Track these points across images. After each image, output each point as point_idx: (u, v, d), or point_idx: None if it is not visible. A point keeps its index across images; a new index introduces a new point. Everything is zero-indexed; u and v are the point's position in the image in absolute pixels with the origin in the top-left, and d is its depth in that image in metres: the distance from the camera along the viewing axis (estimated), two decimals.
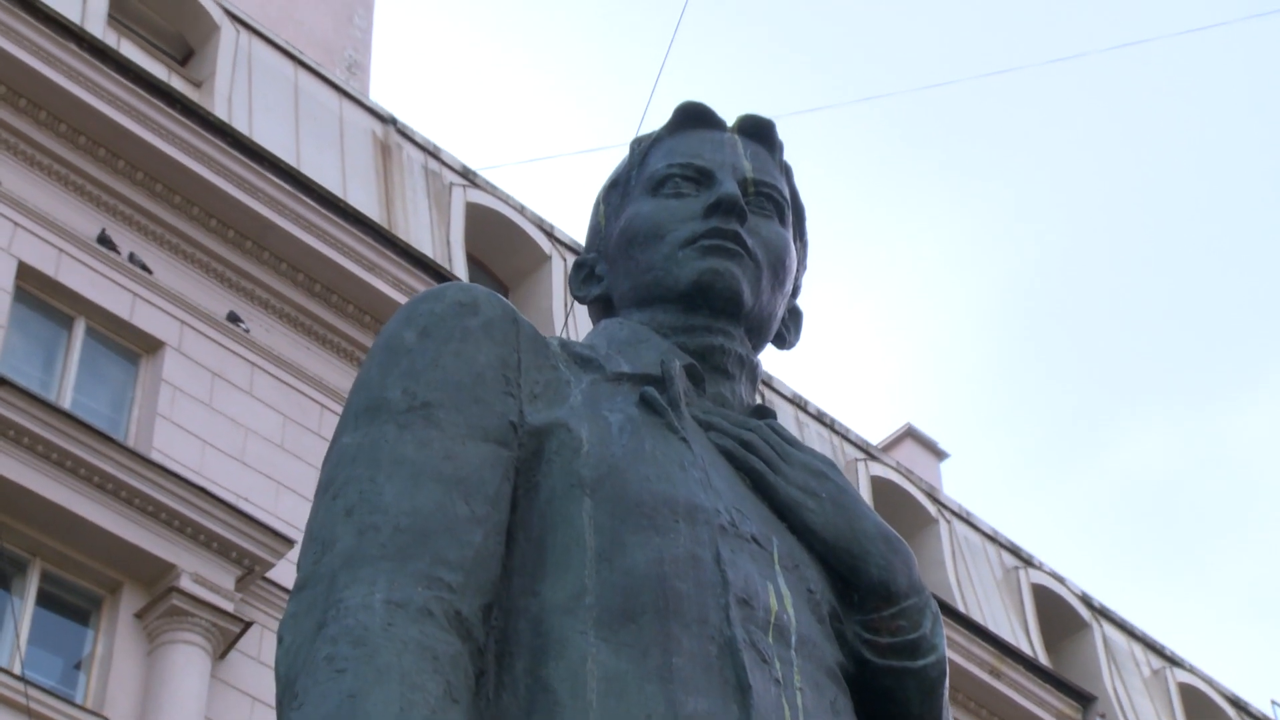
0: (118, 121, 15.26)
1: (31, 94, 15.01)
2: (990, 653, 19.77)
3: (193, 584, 13.77)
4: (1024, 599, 21.76)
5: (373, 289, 16.34)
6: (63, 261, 14.81)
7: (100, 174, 15.26)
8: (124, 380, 15.05)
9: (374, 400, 2.14)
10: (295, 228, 16.04)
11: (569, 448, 2.15)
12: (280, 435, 15.42)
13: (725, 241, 2.40)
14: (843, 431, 21.34)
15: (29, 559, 13.57)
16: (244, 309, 15.78)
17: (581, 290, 2.55)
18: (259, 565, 14.21)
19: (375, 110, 18.33)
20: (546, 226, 19.11)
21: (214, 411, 15.06)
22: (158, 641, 13.64)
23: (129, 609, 13.76)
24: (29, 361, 14.61)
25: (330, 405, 15.93)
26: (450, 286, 2.26)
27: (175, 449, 14.56)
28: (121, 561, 13.76)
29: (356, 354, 16.33)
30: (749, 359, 2.42)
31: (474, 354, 2.17)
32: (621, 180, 2.57)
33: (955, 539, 21.56)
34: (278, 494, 15.06)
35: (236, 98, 16.91)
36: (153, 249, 15.42)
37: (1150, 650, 23.13)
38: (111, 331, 15.02)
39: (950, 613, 19.74)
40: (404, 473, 2.06)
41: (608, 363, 2.31)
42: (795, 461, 2.30)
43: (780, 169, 2.57)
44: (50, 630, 13.66)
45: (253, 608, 14.29)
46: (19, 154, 14.95)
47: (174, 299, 15.30)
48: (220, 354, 15.39)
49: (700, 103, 2.58)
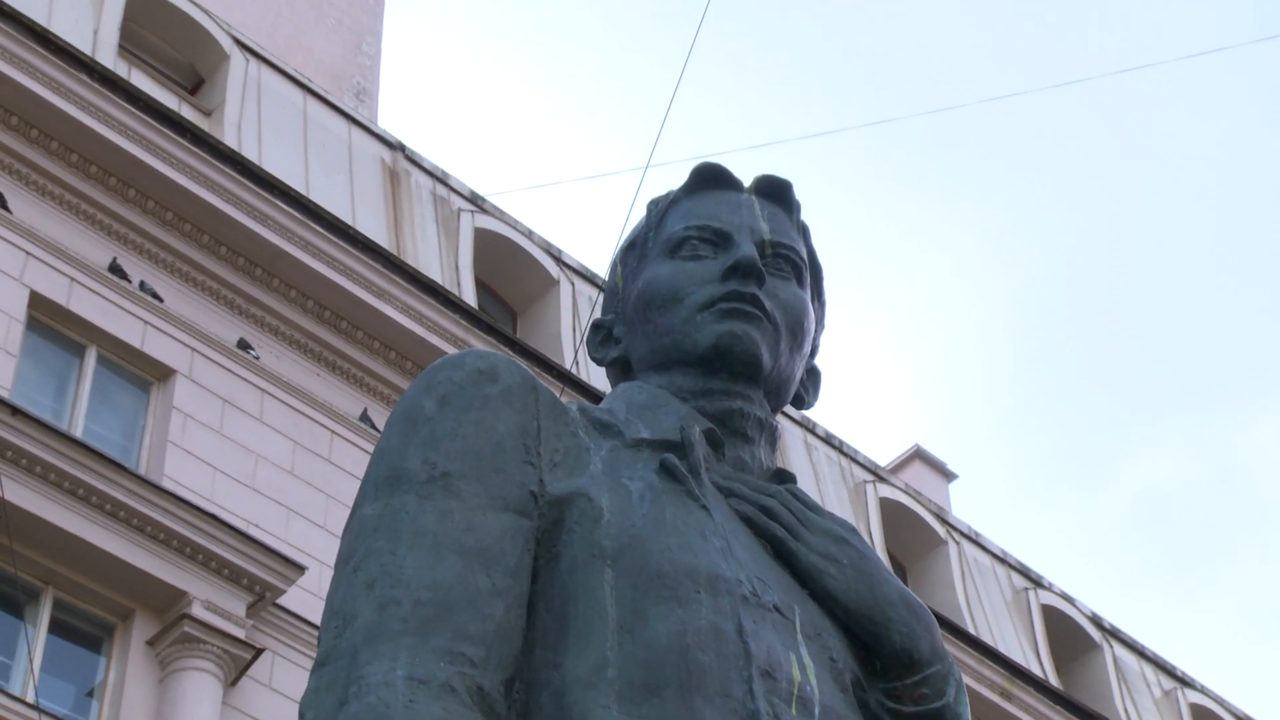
0: (128, 151, 15.31)
1: (43, 124, 15.07)
2: (1000, 674, 19.74)
3: (204, 611, 13.79)
4: (1034, 620, 21.72)
5: (382, 315, 16.36)
6: (74, 290, 14.85)
7: (111, 203, 15.31)
8: (135, 408, 15.08)
9: (394, 470, 2.14)
10: (305, 255, 16.07)
11: (590, 517, 2.15)
12: (290, 461, 15.45)
13: (743, 305, 2.40)
14: (851, 453, 21.33)
15: (41, 587, 13.59)
16: (254, 336, 15.81)
17: (599, 352, 2.55)
18: (270, 591, 14.22)
19: (384, 137, 18.37)
20: (555, 251, 19.14)
21: (224, 438, 15.09)
22: (169, 669, 13.65)
23: (141, 636, 13.77)
24: (41, 390, 14.65)
25: (340, 431, 15.96)
26: (470, 354, 2.27)
27: (186, 476, 14.59)
28: (133, 589, 13.78)
29: (366, 380, 16.36)
30: (768, 422, 2.42)
31: (494, 423, 2.18)
32: (639, 242, 2.57)
33: (964, 560, 21.54)
34: (288, 520, 15.08)
35: (246, 126, 16.96)
36: (163, 277, 15.46)
37: (1161, 671, 23.08)
38: (123, 359, 15.05)
39: (960, 634, 19.72)
40: (425, 544, 2.06)
41: (627, 428, 2.31)
42: (816, 527, 2.30)
43: (798, 229, 2.57)
44: (63, 658, 13.67)
45: (264, 634, 14.30)
46: (31, 184, 15.00)
47: (185, 326, 15.34)
48: (231, 381, 15.41)
49: (717, 164, 2.58)
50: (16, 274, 14.57)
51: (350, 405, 16.15)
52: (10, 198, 14.81)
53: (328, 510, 15.40)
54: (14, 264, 14.59)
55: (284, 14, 19.61)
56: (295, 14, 19.65)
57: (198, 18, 17.39)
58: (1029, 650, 21.19)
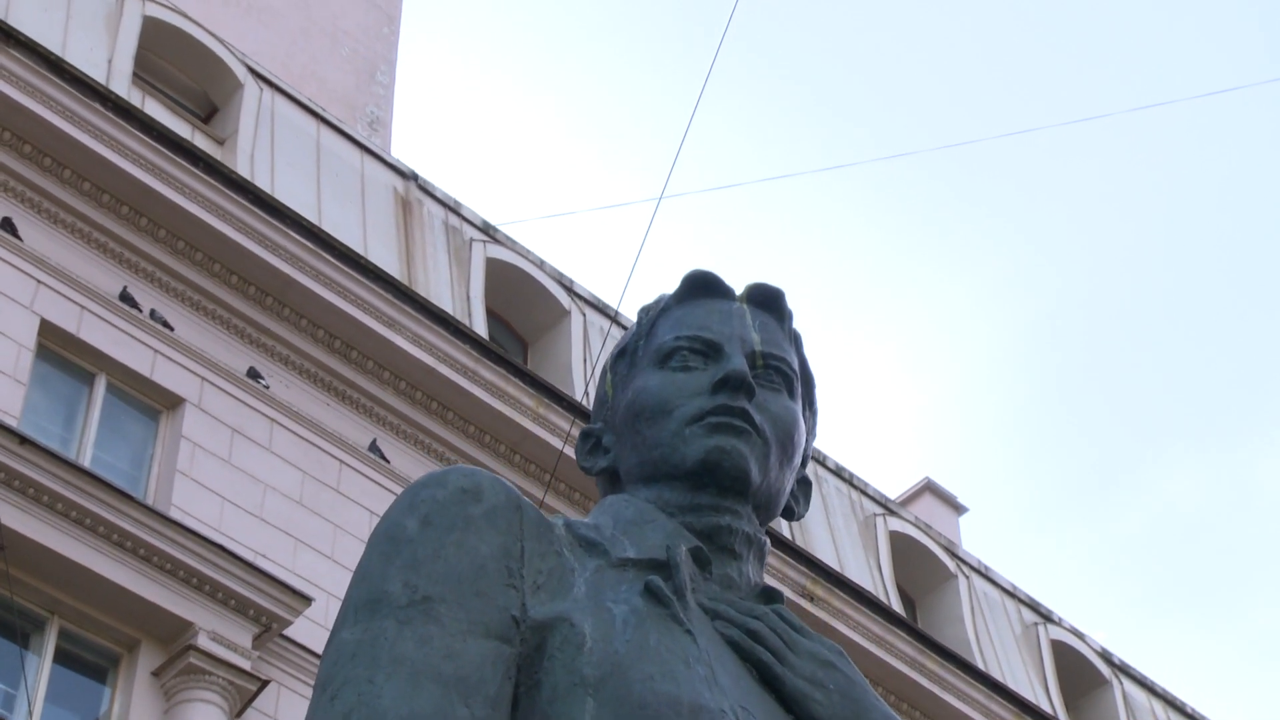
0: (141, 179, 15.33)
1: (56, 152, 15.09)
2: (1009, 710, 19.65)
3: (210, 642, 13.77)
4: (1043, 655, 21.63)
5: (392, 345, 16.36)
6: (84, 318, 14.86)
7: (123, 231, 15.33)
8: (144, 437, 15.08)
9: (374, 593, 2.12)
10: (316, 284, 16.07)
11: (572, 644, 2.12)
12: (299, 492, 15.43)
13: (733, 419, 2.38)
14: (861, 486, 21.28)
15: (47, 616, 13.58)
16: (264, 365, 15.81)
17: (588, 461, 2.53)
18: (276, 623, 14.19)
19: (396, 166, 18.38)
20: (566, 281, 19.13)
21: (233, 468, 15.08)
22: (175, 699, 13.63)
23: (146, 667, 13.75)
24: (50, 418, 14.66)
25: (349, 461, 15.94)
26: (454, 471, 2.24)
27: (194, 506, 14.58)
28: (139, 619, 13.76)
29: (376, 410, 16.35)
30: (757, 537, 2.40)
31: (476, 544, 2.16)
32: (629, 350, 2.55)
33: (974, 594, 21.46)
34: (296, 551, 15.07)
35: (259, 154, 16.98)
36: (174, 306, 15.47)
37: (1171, 708, 22.97)
38: (132, 388, 15.05)
39: (969, 669, 19.64)
40: (403, 673, 2.04)
41: (613, 546, 2.29)
42: (803, 651, 2.28)
43: (789, 338, 2.55)
44: (68, 688, 13.66)
45: (270, 665, 14.27)
46: (42, 212, 15.03)
47: (194, 355, 15.34)
48: (240, 410, 15.41)
49: (708, 272, 2.56)
50: (27, 302, 14.58)
51: (360, 435, 16.14)
52: (21, 225, 14.83)
53: (335, 541, 15.38)
54: (24, 292, 14.60)
55: (298, 43, 19.63)
56: (309, 43, 19.68)
57: (212, 46, 17.42)
58: (1038, 686, 21.10)
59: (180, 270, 15.54)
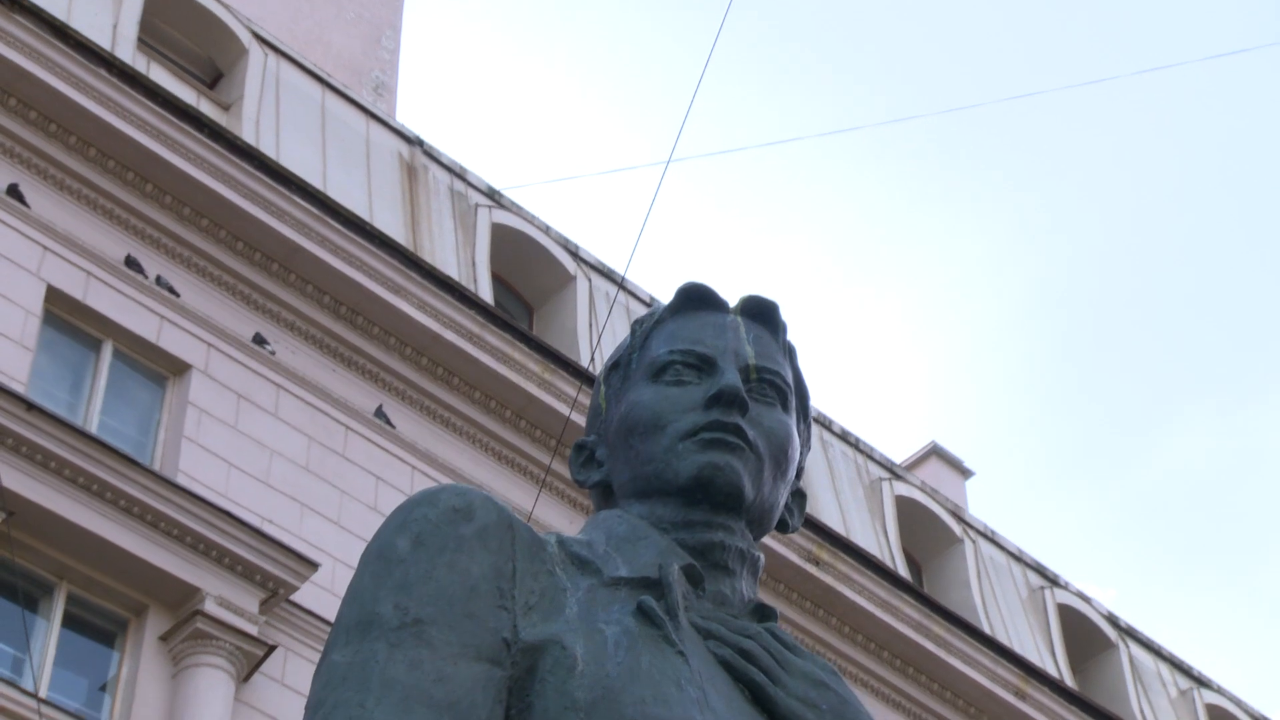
0: (146, 146, 15.32)
1: (61, 119, 15.08)
2: (1015, 674, 19.70)
3: (217, 607, 13.82)
4: (1050, 619, 21.67)
5: (398, 311, 16.36)
6: (91, 285, 14.87)
7: (128, 198, 15.32)
8: (150, 403, 15.11)
9: (366, 615, 2.12)
10: (321, 250, 16.07)
11: (563, 666, 2.12)
12: (305, 457, 15.46)
13: (726, 435, 2.37)
14: (867, 450, 21.29)
15: (55, 582, 13.64)
16: (270, 331, 15.82)
17: (581, 474, 2.53)
18: (283, 588, 14.24)
19: (402, 132, 18.35)
20: (572, 247, 19.11)
21: (239, 434, 15.11)
22: (182, 664, 13.69)
23: (154, 632, 13.81)
24: (57, 384, 14.69)
25: (355, 427, 15.97)
26: (445, 490, 2.24)
27: (201, 471, 14.61)
28: (146, 585, 13.81)
29: (382, 375, 16.36)
30: (750, 553, 2.39)
31: (468, 565, 2.15)
32: (623, 362, 2.54)
33: (980, 559, 21.49)
34: (302, 516, 15.10)
35: (264, 120, 16.95)
36: (180, 272, 15.48)
37: (1177, 670, 23.02)
38: (139, 354, 15.07)
39: (975, 633, 19.69)
40: (394, 697, 2.04)
41: (605, 565, 2.28)
42: (795, 670, 2.27)
43: (783, 351, 2.54)
44: (76, 652, 13.72)
45: (277, 630, 14.32)
46: (48, 178, 15.02)
47: (200, 321, 15.36)
48: (246, 376, 15.43)
49: (703, 284, 2.55)
50: (34, 268, 14.60)
51: (366, 401, 16.16)
52: (27, 191, 14.83)
53: (342, 506, 15.42)
54: (31, 258, 14.61)
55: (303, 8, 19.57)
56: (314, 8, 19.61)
57: (217, 11, 17.38)
58: (1044, 649, 21.15)
59: (186, 236, 15.54)
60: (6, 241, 14.52)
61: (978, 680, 19.35)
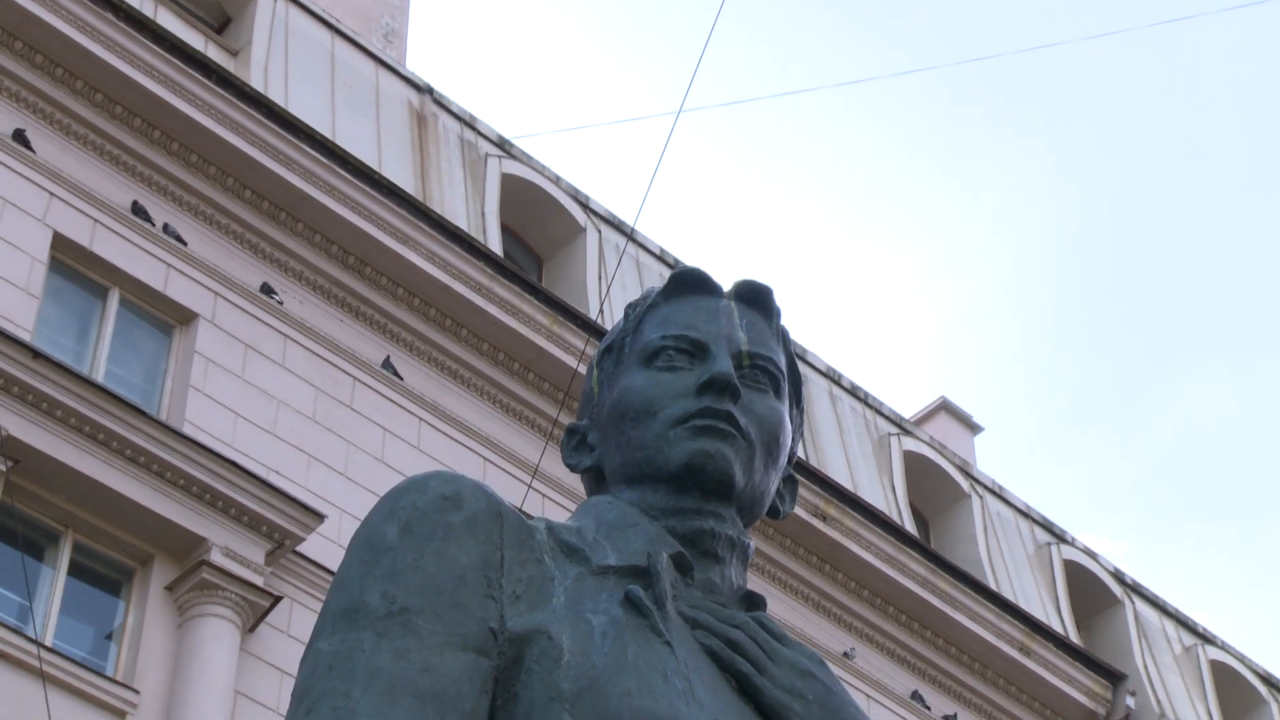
0: (154, 92, 15.26)
1: (68, 63, 15.02)
2: (1021, 630, 19.74)
3: (223, 558, 13.85)
4: (1056, 575, 21.69)
5: (406, 261, 16.34)
6: (97, 232, 14.84)
7: (136, 144, 15.28)
8: (157, 351, 15.11)
9: (352, 603, 2.11)
10: (329, 200, 16.04)
11: (549, 657, 2.11)
12: (312, 408, 15.46)
13: (717, 422, 2.35)
14: (876, 405, 21.27)
15: (61, 530, 13.67)
16: (277, 281, 15.80)
17: (573, 459, 2.51)
18: (289, 539, 14.27)
19: (412, 80, 18.27)
20: (582, 198, 19.05)
21: (246, 384, 15.11)
22: (188, 614, 13.73)
23: (160, 581, 13.85)
24: (64, 332, 14.68)
25: (362, 378, 15.96)
26: (434, 476, 2.22)
27: (207, 421, 14.62)
28: (152, 534, 13.84)
29: (389, 326, 16.35)
30: (740, 540, 2.37)
31: (456, 554, 2.14)
32: (616, 346, 2.52)
33: (987, 514, 21.50)
34: (309, 467, 15.11)
35: (273, 67, 16.88)
36: (187, 220, 15.45)
37: (1182, 627, 23.05)
38: (145, 302, 15.06)
39: (981, 589, 19.71)
40: (379, 687, 2.03)
41: (594, 553, 2.27)
42: (783, 661, 2.26)
43: (777, 336, 2.52)
44: (82, 601, 13.76)
45: (282, 581, 14.36)
46: (55, 123, 14.97)
47: (208, 270, 15.33)
48: (253, 326, 15.42)
49: (697, 269, 2.53)
50: (40, 215, 14.57)
51: (373, 352, 16.15)
52: (34, 136, 14.78)
53: (349, 457, 15.43)
54: (37, 205, 14.58)
55: None
56: None
57: None
58: (1050, 606, 21.18)
59: (193, 184, 15.50)
60: (12, 187, 14.48)
61: (983, 636, 19.39)
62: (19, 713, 12.44)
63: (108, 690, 13.11)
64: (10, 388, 13.23)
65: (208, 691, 13.32)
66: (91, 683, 13.05)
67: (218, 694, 13.37)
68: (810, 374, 20.48)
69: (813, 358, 20.75)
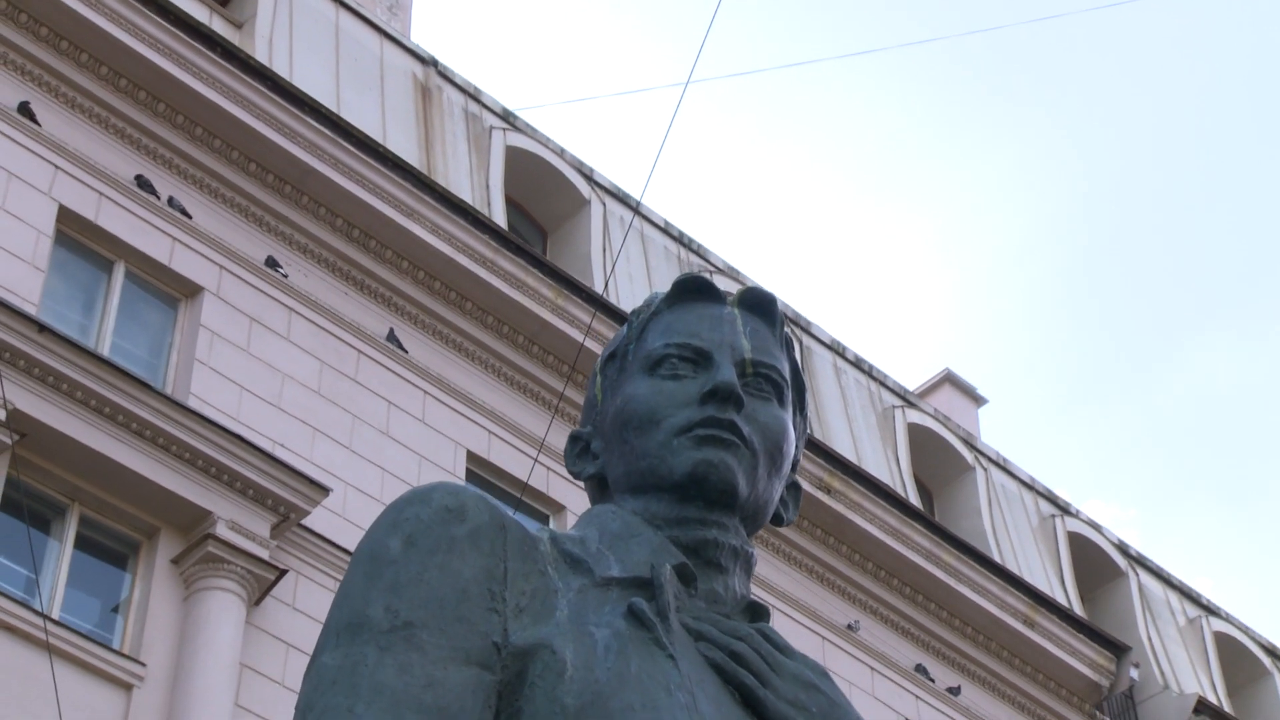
0: (159, 65, 15.24)
1: (73, 36, 15.00)
2: (1024, 602, 19.77)
3: (228, 531, 13.88)
4: (1060, 548, 21.72)
5: (411, 234, 16.33)
6: (103, 205, 14.84)
7: (141, 117, 15.26)
8: (163, 325, 15.12)
9: (356, 617, 2.11)
10: (334, 173, 16.02)
11: (553, 671, 2.11)
12: (317, 381, 15.47)
13: (721, 431, 2.35)
14: (880, 378, 21.27)
15: (67, 504, 13.69)
16: (282, 254, 15.79)
17: (576, 466, 2.51)
18: (294, 513, 14.29)
19: (416, 52, 18.23)
20: (586, 170, 19.02)
21: (251, 357, 15.12)
22: (194, 588, 13.76)
23: (165, 555, 13.88)
24: (69, 305, 14.69)
25: (367, 351, 15.97)
26: (438, 488, 2.22)
27: (213, 394, 14.63)
28: (158, 508, 13.86)
29: (394, 299, 16.35)
30: (743, 549, 2.38)
31: (460, 566, 2.14)
32: (619, 353, 2.52)
33: (992, 487, 21.51)
34: (314, 440, 15.13)
35: (277, 39, 16.85)
36: (192, 193, 15.44)
37: (1186, 599, 23.08)
38: (150, 276, 15.07)
39: (985, 562, 19.74)
40: (383, 703, 2.03)
41: (598, 564, 2.27)
42: (786, 672, 2.26)
43: (781, 344, 2.52)
44: (88, 574, 13.79)
45: (288, 554, 14.39)
46: (60, 96, 14.95)
47: (213, 243, 15.33)
48: (258, 299, 15.42)
49: (700, 276, 2.53)
50: (45, 188, 14.56)
51: (378, 325, 16.15)
52: (39, 109, 14.77)
53: (353, 430, 15.44)
54: (43, 178, 14.57)
55: None
56: None
57: None
58: (1054, 578, 21.20)
59: (198, 157, 15.49)
60: (18, 161, 14.47)
61: (987, 608, 19.42)
62: (26, 685, 12.48)
63: (114, 663, 13.16)
64: (16, 361, 13.24)
65: (213, 664, 13.36)
66: (98, 655, 13.09)
67: (223, 667, 13.41)
68: (815, 347, 20.48)
69: (817, 330, 20.75)
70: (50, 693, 12.29)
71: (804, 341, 20.27)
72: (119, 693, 13.10)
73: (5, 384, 12.91)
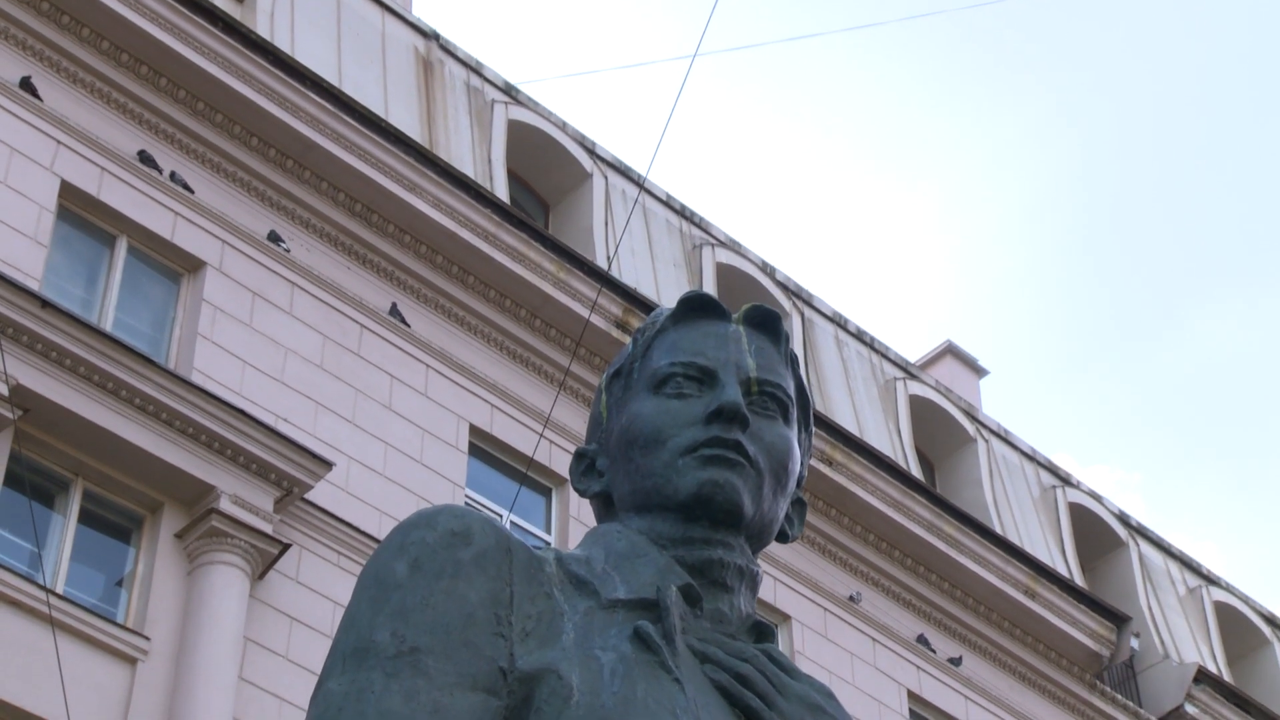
0: (161, 40, 15.21)
1: (74, 10, 14.96)
2: (1025, 573, 19.81)
3: (232, 505, 13.91)
4: (1061, 518, 21.75)
5: (413, 209, 16.32)
6: (105, 180, 14.83)
7: (143, 92, 15.24)
8: (165, 299, 15.12)
9: (362, 642, 2.12)
10: (336, 147, 16.00)
11: (559, 696, 2.11)
12: (320, 355, 15.48)
13: (726, 451, 2.35)
14: (882, 350, 21.27)
15: (71, 478, 13.72)
16: (284, 228, 15.79)
17: (582, 484, 2.51)
18: (297, 487, 14.32)
19: (418, 25, 18.19)
20: (589, 144, 18.99)
21: (254, 332, 15.13)
22: (197, 562, 13.79)
23: (169, 529, 13.91)
24: (72, 280, 14.69)
25: (370, 325, 15.98)
26: (443, 512, 2.22)
27: (215, 369, 14.65)
28: (161, 482, 13.89)
29: (396, 273, 16.34)
30: (749, 569, 2.38)
31: (465, 592, 2.14)
32: (624, 371, 2.52)
33: (993, 458, 21.54)
34: (316, 414, 15.15)
35: (279, 14, 16.81)
36: (194, 168, 15.42)
37: (1186, 569, 23.13)
38: (153, 251, 15.06)
39: (986, 533, 19.78)
40: None
41: (603, 585, 2.27)
42: (791, 694, 2.27)
43: (785, 361, 2.51)
44: (92, 548, 13.83)
45: (291, 529, 14.42)
46: (61, 71, 14.93)
47: (215, 218, 15.32)
48: (261, 273, 15.42)
49: (705, 294, 2.53)
50: (47, 163, 14.55)
51: (380, 299, 16.15)
52: (40, 84, 14.74)
53: (356, 404, 15.46)
54: (45, 153, 14.56)
55: None
56: None
57: None
58: (1054, 548, 21.24)
59: (200, 132, 15.47)
60: (20, 136, 14.46)
61: (988, 579, 19.47)
62: (30, 659, 12.53)
63: (118, 637, 13.20)
64: (19, 337, 13.26)
65: (217, 638, 13.40)
66: (102, 629, 13.14)
67: (227, 640, 13.45)
68: (816, 319, 20.48)
69: (819, 303, 20.74)
70: (54, 667, 12.34)
71: (806, 314, 20.27)
72: (123, 666, 13.15)
73: (8, 359, 12.92)
